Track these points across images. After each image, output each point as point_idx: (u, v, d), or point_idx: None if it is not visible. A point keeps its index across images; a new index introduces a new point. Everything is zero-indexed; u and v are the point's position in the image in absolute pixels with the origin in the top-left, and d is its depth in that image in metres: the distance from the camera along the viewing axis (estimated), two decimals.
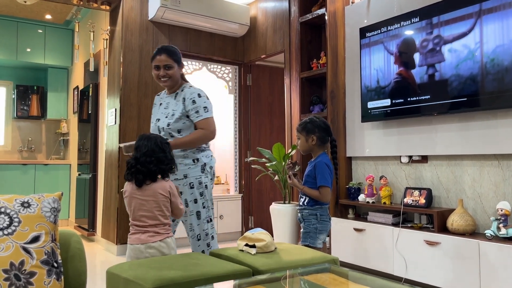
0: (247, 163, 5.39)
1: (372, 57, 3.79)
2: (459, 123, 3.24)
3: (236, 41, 5.52)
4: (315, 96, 4.45)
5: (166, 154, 2.34)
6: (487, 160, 3.13)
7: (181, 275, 1.89)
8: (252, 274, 2.04)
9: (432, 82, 3.32)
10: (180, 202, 2.43)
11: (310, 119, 2.83)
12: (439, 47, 3.26)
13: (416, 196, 3.45)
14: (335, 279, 1.88)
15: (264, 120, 5.63)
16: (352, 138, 4.13)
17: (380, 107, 3.73)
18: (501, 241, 2.81)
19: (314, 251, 2.48)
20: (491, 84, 2.95)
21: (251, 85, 5.57)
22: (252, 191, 5.46)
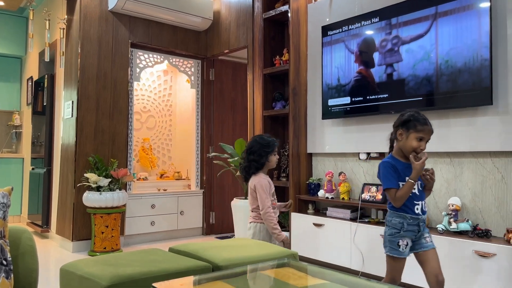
0: (209, 158, 5.36)
1: (334, 55, 3.86)
2: None
3: (199, 35, 5.46)
4: (277, 93, 4.47)
5: (254, 153, 2.79)
6: (440, 157, 3.27)
7: (139, 272, 1.85)
8: (212, 270, 2.04)
9: (390, 81, 3.41)
10: (266, 197, 2.70)
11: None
12: (397, 47, 3.36)
13: (373, 192, 3.55)
14: (294, 274, 1.91)
15: (227, 115, 5.61)
16: (313, 135, 4.19)
17: (340, 104, 3.80)
18: (451, 235, 2.94)
19: (274, 246, 2.50)
20: (445, 84, 3.07)
21: (214, 80, 5.54)
22: (213, 186, 5.43)
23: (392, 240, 2.23)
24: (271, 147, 2.81)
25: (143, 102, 5.73)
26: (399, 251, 2.22)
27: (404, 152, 2.22)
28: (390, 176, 2.20)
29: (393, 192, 2.19)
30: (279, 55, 4.42)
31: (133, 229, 4.79)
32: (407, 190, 2.16)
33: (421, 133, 2.17)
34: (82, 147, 4.47)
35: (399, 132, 2.24)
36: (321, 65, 3.98)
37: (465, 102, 2.98)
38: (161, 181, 5.50)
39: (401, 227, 2.21)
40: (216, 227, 5.39)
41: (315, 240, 3.80)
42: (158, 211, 4.99)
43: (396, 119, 2.28)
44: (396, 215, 2.23)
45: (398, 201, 2.18)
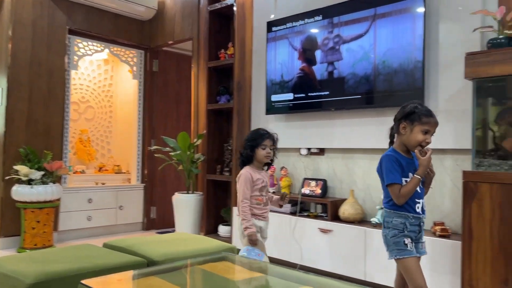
0: (151, 151, 5.23)
1: (278, 52, 3.89)
2: (353, 118, 3.47)
3: (142, 24, 5.29)
4: (222, 87, 4.45)
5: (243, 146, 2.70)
6: (376, 154, 3.39)
7: (68, 268, 1.77)
8: (147, 265, 1.98)
9: (331, 79, 3.50)
10: (243, 189, 2.57)
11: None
12: (338, 46, 3.45)
13: (313, 186, 3.63)
14: (231, 267, 1.90)
15: (171, 108, 5.49)
16: None
17: (283, 100, 3.84)
18: None
19: (213, 240, 2.48)
20: (382, 84, 3.19)
21: (158, 72, 5.40)
22: (155, 181, 5.31)
23: (397, 240, 2.02)
24: (256, 141, 2.63)
25: (82, 92, 5.48)
26: (408, 250, 2.00)
27: (408, 147, 2.06)
28: (394, 170, 2.01)
29: (397, 188, 1.99)
30: (224, 49, 4.39)
31: (68, 225, 4.57)
32: (413, 187, 1.98)
33: (426, 126, 2.01)
34: (12, 138, 4.19)
35: (402, 126, 2.06)
36: (266, 61, 4.00)
37: (400, 101, 3.09)
38: (100, 174, 5.29)
39: (404, 227, 2.02)
40: (157, 222, 5.28)
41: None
42: (96, 205, 4.80)
43: (398, 112, 2.11)
44: (397, 215, 2.04)
45: (402, 198, 1.99)
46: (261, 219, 2.64)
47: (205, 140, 4.43)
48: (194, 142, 4.44)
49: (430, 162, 2.02)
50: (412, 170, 2.04)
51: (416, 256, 2.03)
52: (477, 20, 2.79)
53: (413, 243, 2.04)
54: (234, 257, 2.05)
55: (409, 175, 2.03)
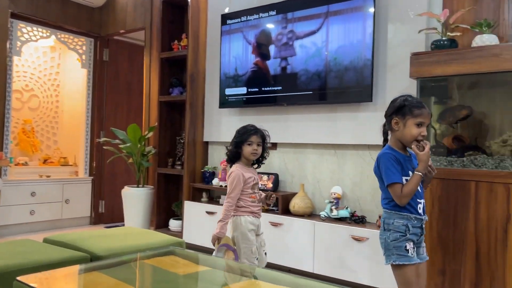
0: (100, 144, 5.06)
1: (232, 45, 3.87)
2: (306, 114, 3.52)
3: (92, 11, 5.09)
4: (175, 78, 4.36)
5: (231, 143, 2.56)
6: (326, 149, 3.47)
7: (3, 265, 1.67)
8: (91, 260, 1.92)
9: (284, 74, 3.53)
10: (232, 189, 2.45)
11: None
12: (292, 42, 3.48)
13: (265, 180, 3.66)
14: (178, 262, 1.88)
15: (122, 99, 5.33)
16: (210, 123, 4.17)
17: (237, 94, 3.83)
18: (332, 221, 3.15)
19: (161, 234, 2.44)
20: (333, 80, 3.26)
21: (108, 61, 5.21)
22: (104, 174, 5.14)
23: (398, 245, 1.87)
24: (242, 137, 2.51)
25: (25, 79, 5.19)
26: (408, 257, 1.86)
27: (404, 142, 1.94)
28: (394, 169, 1.88)
29: (398, 187, 1.86)
30: (177, 40, 4.31)
31: (9, 219, 4.34)
32: (415, 185, 1.85)
33: (419, 118, 1.88)
34: None
35: (394, 121, 1.94)
36: (220, 54, 3.96)
37: (350, 98, 3.19)
38: (44, 167, 5.05)
39: (406, 229, 1.87)
40: (106, 216, 5.12)
41: (208, 228, 3.80)
42: (40, 199, 4.58)
43: (388, 107, 1.99)
44: (399, 216, 1.89)
45: (405, 197, 1.85)
46: (257, 216, 2.52)
47: (157, 132, 4.34)
48: (145, 135, 4.34)
49: (428, 156, 1.88)
50: (411, 168, 1.92)
51: (417, 263, 1.88)
52: (423, 21, 2.90)
53: (415, 247, 1.89)
54: (182, 251, 2.03)
55: (409, 173, 1.90)
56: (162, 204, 4.36)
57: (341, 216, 3.17)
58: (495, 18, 2.69)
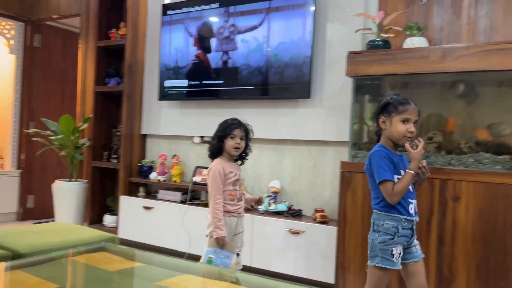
0: (29, 135, 4.75)
1: (173, 36, 3.78)
2: (247, 108, 3.52)
3: None
4: (112, 68, 4.19)
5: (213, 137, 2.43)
6: (266, 144, 3.50)
7: None
8: (12, 258, 1.80)
9: (225, 68, 3.51)
10: (213, 185, 2.30)
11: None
12: (233, 36, 3.47)
13: (204, 175, 3.62)
14: (109, 258, 1.81)
15: (54, 88, 5.03)
16: (148, 115, 4.06)
17: (177, 87, 3.75)
18: (270, 215, 3.19)
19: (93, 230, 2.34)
20: (274, 76, 3.29)
21: (40, 47, 4.90)
22: (34, 167, 4.84)
23: (384, 248, 1.84)
24: (225, 131, 2.38)
25: None
26: (392, 261, 1.83)
27: (394, 141, 1.91)
28: (385, 167, 1.84)
29: (390, 185, 1.83)
30: (115, 29, 4.14)
31: None
32: (407, 183, 1.82)
33: (405, 114, 1.86)
34: None
35: (381, 120, 1.93)
36: (160, 45, 3.86)
37: (289, 94, 3.24)
38: None
39: (395, 232, 1.84)
40: (35, 212, 4.83)
41: (145, 223, 3.71)
42: None
43: (376, 109, 1.99)
44: (389, 217, 1.85)
45: (396, 196, 1.82)
46: (235, 215, 2.36)
47: (92, 124, 4.16)
48: (79, 126, 4.13)
49: (421, 154, 1.85)
50: (402, 167, 1.90)
51: (397, 269, 1.85)
52: (360, 22, 3.00)
53: (401, 252, 1.86)
54: (114, 247, 1.96)
55: (401, 172, 1.88)
56: (97, 199, 4.19)
57: (279, 209, 3.22)
58: (425, 22, 2.85)
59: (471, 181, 2.32)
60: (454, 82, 2.64)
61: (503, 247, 2.22)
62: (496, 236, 2.24)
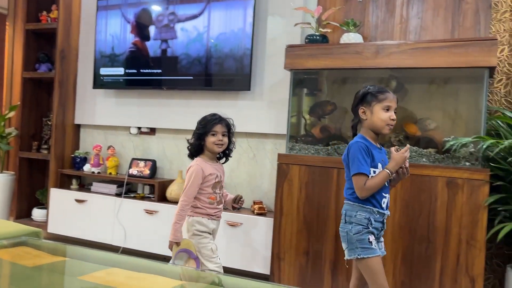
0: None
1: (109, 22, 3.62)
2: (186, 99, 3.46)
3: None
4: (42, 53, 3.94)
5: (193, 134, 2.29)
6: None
7: None
8: None
9: (164, 57, 3.41)
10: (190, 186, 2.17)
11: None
12: (173, 24, 3.38)
13: (141, 167, 3.52)
14: (29, 253, 1.70)
15: None
16: (82, 104, 3.87)
17: (113, 75, 3.60)
18: None
19: (14, 224, 2.19)
20: (213, 67, 3.24)
21: None
22: None
23: (360, 238, 1.81)
24: (205, 127, 2.23)
25: None
26: (372, 249, 1.81)
27: (377, 130, 1.88)
28: (363, 159, 1.81)
29: (363, 179, 1.80)
30: (46, 11, 3.90)
31: None
32: (381, 182, 1.80)
33: (385, 102, 1.85)
34: None
35: (361, 111, 1.89)
36: (95, 30, 3.68)
37: (229, 85, 3.22)
38: None
39: (368, 223, 1.82)
40: None
41: (77, 217, 3.54)
42: None
43: (353, 101, 1.95)
44: (362, 209, 1.83)
45: (365, 191, 1.80)
46: (214, 219, 2.25)
47: (20, 112, 3.89)
48: (5, 114, 3.86)
49: (404, 159, 1.84)
50: (380, 160, 1.87)
51: (380, 255, 1.84)
52: (299, 16, 3.03)
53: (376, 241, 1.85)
54: (36, 241, 1.84)
55: (379, 166, 1.85)
56: (25, 192, 3.94)
57: None
58: (361, 19, 2.93)
59: None
60: (387, 78, 2.74)
61: (427, 236, 2.35)
62: (420, 226, 2.37)
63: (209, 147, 2.23)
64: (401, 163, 1.83)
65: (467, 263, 2.25)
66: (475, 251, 2.24)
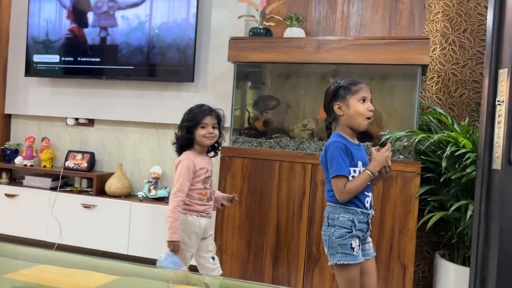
0: None
1: (43, 6, 3.41)
2: (127, 90, 3.34)
3: None
4: None
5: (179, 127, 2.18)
6: (148, 128, 3.37)
7: None
8: None
9: (104, 46, 3.28)
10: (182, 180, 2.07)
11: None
12: (113, 11, 3.24)
13: (78, 159, 3.36)
14: None
15: None
16: (13, 93, 3.63)
17: (48, 62, 3.41)
18: (151, 201, 3.09)
19: None
20: (155, 57, 3.16)
21: None
22: None
23: (343, 243, 1.71)
24: (195, 120, 2.10)
25: None
26: (353, 256, 1.71)
27: (355, 125, 1.77)
28: (342, 161, 1.71)
29: (342, 182, 1.70)
30: None
31: None
32: (362, 184, 1.71)
33: (360, 93, 1.76)
34: None
35: (336, 106, 1.78)
36: (28, 14, 3.46)
37: (172, 76, 3.15)
38: None
39: (352, 225, 1.72)
40: None
41: (7, 212, 3.33)
42: None
43: (324, 99, 1.85)
44: (344, 210, 1.73)
45: (346, 194, 1.71)
46: (204, 216, 2.12)
47: None
48: None
49: (386, 159, 1.76)
50: (360, 157, 1.78)
51: (361, 262, 1.74)
52: (244, 8, 3.02)
53: (360, 245, 1.76)
54: None
55: (359, 164, 1.76)
56: None
57: (160, 195, 3.13)
58: (304, 14, 2.98)
59: None
60: (330, 72, 2.81)
61: None
62: None
63: (198, 140, 2.11)
64: (383, 163, 1.76)
65: (399, 251, 2.37)
66: (407, 240, 2.36)
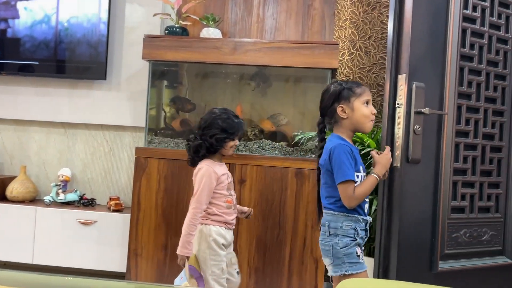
0: None
1: None
2: (31, 87, 3.10)
3: None
4: None
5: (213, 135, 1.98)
6: (55, 127, 3.16)
7: None
8: None
9: (3, 38, 3.01)
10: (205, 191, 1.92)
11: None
12: (14, 2, 2.99)
13: None
14: None
15: None
16: None
17: None
18: (58, 206, 2.90)
19: None
20: (63, 52, 2.97)
21: None
22: None
23: (349, 252, 1.62)
24: (233, 133, 1.98)
25: None
26: (360, 264, 1.63)
27: (359, 128, 1.72)
28: (349, 165, 1.63)
29: (352, 187, 1.62)
30: None
31: None
32: (370, 188, 1.64)
33: (364, 96, 1.70)
34: None
35: (340, 109, 1.70)
36: None
37: (82, 74, 2.99)
38: None
39: (355, 233, 1.65)
40: None
41: None
42: None
43: (323, 103, 1.75)
44: (347, 218, 1.65)
45: (355, 200, 1.62)
46: (230, 228, 1.99)
47: None
48: None
49: (389, 160, 1.73)
50: (361, 162, 1.74)
51: (366, 269, 1.66)
52: (159, 6, 2.96)
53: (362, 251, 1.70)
54: None
55: (360, 168, 1.70)
56: None
57: (69, 199, 2.95)
58: (221, 15, 2.99)
59: (255, 165, 2.55)
60: (249, 74, 2.85)
61: (278, 223, 2.53)
62: (273, 214, 2.53)
63: (226, 150, 2.02)
64: (387, 165, 1.72)
65: (312, 246, 2.48)
66: (318, 235, 2.48)
